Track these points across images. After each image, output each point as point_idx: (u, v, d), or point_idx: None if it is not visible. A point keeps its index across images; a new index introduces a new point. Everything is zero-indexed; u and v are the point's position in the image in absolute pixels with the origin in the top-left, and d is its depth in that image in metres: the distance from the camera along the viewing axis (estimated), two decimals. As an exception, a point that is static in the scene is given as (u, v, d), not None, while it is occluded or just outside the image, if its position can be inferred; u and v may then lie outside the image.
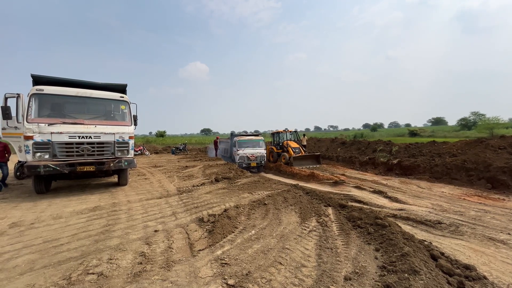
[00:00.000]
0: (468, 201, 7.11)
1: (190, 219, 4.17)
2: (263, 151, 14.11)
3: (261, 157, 13.81)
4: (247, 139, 14.34)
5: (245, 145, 13.84)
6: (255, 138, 14.66)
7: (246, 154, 13.36)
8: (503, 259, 3.28)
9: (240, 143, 13.77)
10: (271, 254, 2.85)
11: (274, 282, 2.32)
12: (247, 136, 14.97)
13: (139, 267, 2.56)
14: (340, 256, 2.80)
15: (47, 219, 4.22)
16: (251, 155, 13.46)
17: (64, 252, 2.97)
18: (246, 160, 13.40)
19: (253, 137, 14.87)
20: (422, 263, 2.45)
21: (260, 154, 13.74)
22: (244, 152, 13.42)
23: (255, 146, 14.15)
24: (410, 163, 11.34)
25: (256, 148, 14.04)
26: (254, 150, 13.81)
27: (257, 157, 13.63)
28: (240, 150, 13.46)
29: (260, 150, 14.04)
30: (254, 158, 13.55)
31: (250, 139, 14.40)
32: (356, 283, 2.28)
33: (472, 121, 46.94)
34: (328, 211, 4.46)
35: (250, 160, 13.47)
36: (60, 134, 5.66)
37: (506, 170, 8.30)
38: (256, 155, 13.61)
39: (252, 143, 14.18)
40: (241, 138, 14.21)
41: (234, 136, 14.90)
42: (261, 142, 14.55)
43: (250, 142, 14.21)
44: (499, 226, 4.86)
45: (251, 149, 13.78)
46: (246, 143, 13.98)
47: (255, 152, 13.71)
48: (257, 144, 14.29)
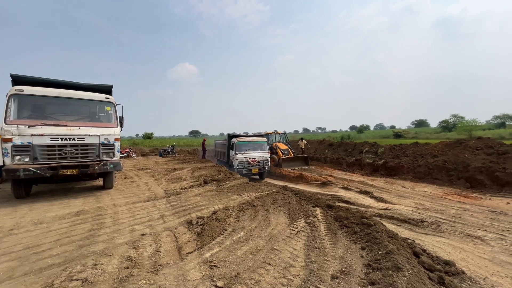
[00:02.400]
0: (448, 200, 7.43)
1: (178, 222, 4.13)
2: (266, 154, 12.23)
3: (264, 161, 11.93)
4: (247, 140, 12.37)
5: (245, 147, 11.90)
6: (257, 140, 12.71)
7: (246, 158, 11.48)
8: (480, 254, 3.45)
9: (239, 146, 11.83)
10: (260, 255, 2.87)
11: (263, 282, 2.34)
12: (248, 137, 12.95)
13: (125, 272, 2.51)
14: (327, 255, 2.86)
15: (27, 224, 4.05)
16: (252, 160, 11.59)
17: (46, 258, 2.87)
18: (246, 166, 11.52)
19: (254, 138, 12.87)
20: (405, 260, 2.55)
21: (263, 158, 11.89)
22: (244, 156, 11.52)
23: (257, 149, 12.24)
24: (394, 164, 11.72)
25: (259, 152, 12.13)
26: (256, 154, 11.92)
27: (260, 162, 11.76)
28: (239, 154, 11.52)
29: (263, 153, 12.15)
30: (256, 163, 11.66)
31: (251, 141, 12.46)
32: (343, 281, 2.34)
33: (452, 123, 48.99)
34: (316, 211, 4.53)
35: (251, 166, 11.58)
36: (41, 136, 5.45)
37: (483, 170, 8.73)
38: (259, 159, 11.73)
39: (253, 145, 12.26)
40: (240, 140, 12.18)
41: (232, 137, 12.82)
42: (264, 144, 12.67)
43: (251, 144, 12.27)
44: (477, 223, 5.11)
45: (252, 153, 11.86)
46: (246, 145, 12.06)
47: (257, 156, 11.81)
48: (259, 147, 12.38)
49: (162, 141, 41.08)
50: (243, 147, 11.89)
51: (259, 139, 12.83)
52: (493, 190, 8.08)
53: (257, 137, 13.03)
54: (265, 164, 11.95)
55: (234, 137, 12.72)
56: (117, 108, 6.71)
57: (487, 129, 44.61)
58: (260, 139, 12.87)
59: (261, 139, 12.85)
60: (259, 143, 12.51)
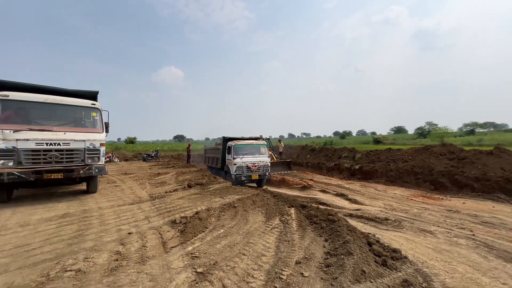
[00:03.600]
0: (414, 201, 8.16)
1: (162, 222, 4.43)
2: (267, 159, 11.40)
3: (265, 167, 11.12)
4: (246, 143, 11.44)
5: (244, 151, 10.99)
6: (256, 143, 11.79)
7: (245, 163, 10.59)
8: (426, 245, 4.03)
9: (237, 149, 10.89)
10: (237, 248, 3.27)
11: (237, 268, 2.74)
12: (246, 140, 11.91)
13: (115, 263, 2.82)
14: (295, 246, 3.31)
15: (14, 226, 4.19)
16: (252, 165, 10.70)
17: (38, 255, 3.10)
18: (245, 171, 10.58)
19: (253, 141, 11.92)
20: (358, 247, 3.04)
21: (263, 163, 11.07)
22: (243, 160, 10.62)
23: (257, 153, 11.37)
24: (369, 168, 12.52)
25: (258, 156, 11.26)
26: (256, 158, 11.03)
27: (260, 167, 10.94)
28: (237, 159, 10.58)
29: (263, 158, 11.30)
30: (256, 168, 10.80)
31: (250, 144, 11.54)
32: (304, 265, 2.78)
33: (427, 130, 51.93)
34: (290, 211, 4.99)
35: (251, 172, 10.67)
36: (26, 141, 5.57)
37: (445, 174, 9.63)
38: (259, 164, 10.89)
39: (252, 149, 11.38)
40: (238, 143, 11.21)
41: (228, 140, 11.86)
42: (264, 148, 11.81)
43: (250, 147, 11.36)
44: (432, 220, 5.77)
45: (252, 157, 10.99)
46: (245, 149, 11.12)
47: (257, 161, 10.94)
48: (259, 150, 11.53)
49: (146, 146, 40.43)
50: (242, 150, 10.97)
51: (259, 142, 11.97)
52: (453, 191, 8.94)
53: (256, 140, 12.09)
54: (266, 169, 11.16)
55: (230, 140, 11.71)
56: (103, 114, 6.90)
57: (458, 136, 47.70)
58: (260, 142, 12.03)
59: (261, 142, 12.03)
60: (259, 147, 11.64)
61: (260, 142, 12.03)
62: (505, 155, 9.52)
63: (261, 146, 11.77)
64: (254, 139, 12.19)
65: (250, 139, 12.07)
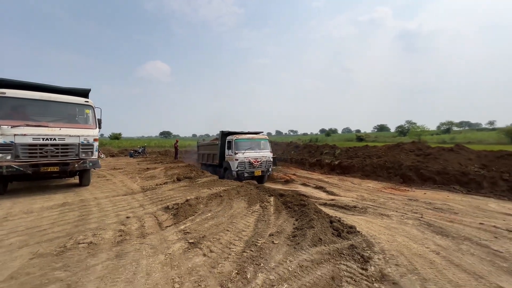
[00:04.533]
0: (383, 192, 9.11)
1: (156, 208, 5.01)
2: (269, 154, 11.07)
3: (267, 162, 10.82)
4: (248, 138, 10.92)
5: (245, 146, 10.50)
6: (257, 137, 11.34)
7: (248, 158, 10.20)
8: (380, 224, 4.85)
9: (238, 144, 10.37)
10: (222, 226, 3.93)
11: (222, 239, 3.40)
12: (248, 134, 11.33)
13: (120, 238, 3.40)
14: (270, 224, 4.00)
15: (19, 213, 4.63)
16: (254, 160, 10.32)
17: (50, 234, 3.62)
18: (247, 167, 10.20)
19: (255, 135, 11.43)
20: (320, 224, 3.78)
21: (266, 158, 10.76)
22: (245, 156, 10.20)
23: (259, 148, 10.99)
24: (347, 164, 13.50)
25: (261, 151, 10.90)
26: (258, 153, 10.67)
27: (262, 162, 10.61)
28: (239, 154, 10.11)
29: (265, 153, 10.95)
30: (259, 164, 10.45)
31: (252, 138, 11.06)
32: (276, 236, 3.49)
33: (407, 129, 54.55)
34: (270, 199, 5.69)
35: (253, 167, 10.31)
36: (23, 136, 5.92)
37: (412, 168, 10.69)
38: (261, 160, 10.56)
39: (254, 144, 10.96)
40: (240, 137, 10.67)
41: (227, 135, 11.25)
42: (266, 143, 11.40)
43: (252, 142, 10.92)
44: (393, 207, 6.66)
45: (254, 152, 10.58)
46: (247, 143, 10.65)
47: (260, 156, 10.58)
48: (261, 145, 11.15)
49: (132, 142, 40.01)
50: (243, 145, 10.47)
51: (260, 136, 11.55)
52: (418, 184, 9.99)
53: (257, 135, 11.66)
54: (268, 165, 10.87)
55: (229, 134, 11.21)
56: (95, 111, 7.29)
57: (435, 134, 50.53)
58: (261, 136, 11.61)
59: (263, 137, 11.60)
60: (261, 141, 11.26)
61: (262, 137, 11.56)
62: (463, 151, 10.71)
63: (264, 140, 11.37)
64: (255, 134, 11.68)
65: (251, 133, 11.53)
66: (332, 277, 2.47)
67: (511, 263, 3.04)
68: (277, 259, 2.83)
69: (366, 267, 2.79)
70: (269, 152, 11.16)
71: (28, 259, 2.79)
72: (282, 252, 3.00)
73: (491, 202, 7.15)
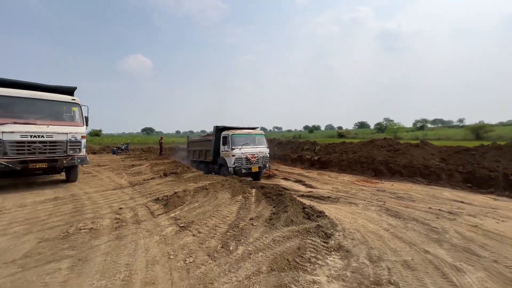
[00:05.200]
0: (356, 184, 9.98)
1: (146, 200, 5.43)
2: (266, 149, 11.04)
3: (264, 158, 10.78)
4: (244, 133, 10.78)
5: (242, 141, 10.32)
6: (254, 132, 11.20)
7: (245, 154, 10.09)
8: (347, 211, 5.58)
9: (235, 140, 10.17)
10: (208, 213, 4.45)
11: (208, 224, 3.93)
12: (244, 129, 11.17)
13: (117, 224, 3.84)
14: (251, 211, 4.58)
15: (13, 207, 4.88)
16: (251, 156, 10.21)
17: (50, 223, 3.97)
18: (244, 163, 10.07)
19: (251, 130, 11.28)
20: (293, 209, 4.41)
21: (262, 154, 10.72)
22: (242, 151, 10.07)
23: (255, 143, 10.87)
24: (326, 159, 14.39)
25: (257, 146, 10.80)
26: (255, 149, 10.58)
27: (259, 158, 10.54)
28: (236, 149, 9.95)
29: (262, 148, 10.91)
30: (256, 160, 10.37)
31: (249, 133, 10.92)
32: (255, 220, 4.07)
33: (385, 126, 57.30)
34: (252, 191, 6.26)
35: (250, 163, 10.21)
36: (11, 133, 6.07)
37: (383, 162, 11.70)
38: (258, 155, 10.49)
39: (251, 139, 10.81)
40: (236, 132, 10.49)
41: (222, 130, 11.02)
42: (263, 138, 11.35)
43: (249, 137, 10.76)
44: (362, 197, 7.46)
45: (251, 148, 10.48)
46: (243, 138, 10.47)
47: (257, 152, 10.51)
48: (257, 141, 11.02)
49: (114, 139, 39.07)
50: (240, 141, 10.29)
51: (257, 131, 11.43)
52: (388, 176, 10.98)
53: (254, 130, 11.54)
54: (265, 161, 10.84)
55: (224, 129, 10.99)
56: (82, 109, 7.48)
57: (410, 131, 53.51)
58: (258, 132, 11.49)
59: (259, 132, 11.47)
60: (257, 137, 11.14)
61: (258, 132, 11.44)
62: (427, 147, 11.86)
63: (260, 136, 11.25)
64: (251, 129, 11.54)
65: (246, 128, 11.38)
66: (298, 248, 3.09)
67: (440, 235, 3.83)
68: (255, 236, 3.41)
69: (328, 241, 3.44)
70: (266, 147, 11.13)
71: (37, 243, 3.17)
72: (259, 231, 3.58)
73: (446, 191, 8.18)
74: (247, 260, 2.76)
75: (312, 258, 2.89)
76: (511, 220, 4.73)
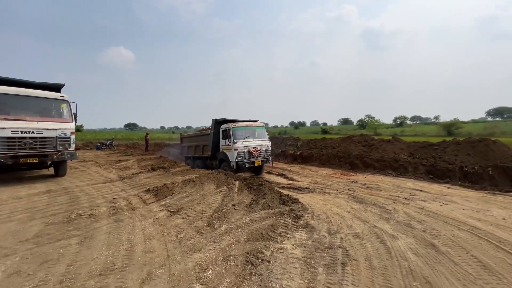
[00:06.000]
0: (333, 177, 10.81)
1: (137, 192, 5.89)
2: (267, 142, 10.79)
3: (266, 151, 10.56)
4: (246, 125, 10.49)
5: (244, 134, 10.00)
6: (255, 125, 10.89)
7: (247, 147, 9.76)
8: (320, 198, 6.31)
9: (236, 133, 9.81)
10: (195, 201, 5.01)
11: (196, 209, 4.50)
12: (245, 122, 10.86)
13: (114, 211, 4.31)
14: (234, 199, 5.19)
15: (9, 199, 5.18)
16: (254, 149, 9.93)
17: (50, 211, 4.37)
18: (247, 157, 9.75)
19: (253, 123, 10.97)
20: (270, 196, 5.05)
21: (265, 147, 10.48)
22: (245, 145, 9.75)
23: (257, 136, 10.58)
24: (307, 154, 15.22)
25: (259, 139, 10.53)
26: (257, 142, 10.30)
27: (261, 152, 10.31)
28: (238, 143, 9.60)
29: (264, 141, 10.66)
30: (258, 153, 10.12)
31: (250, 126, 10.62)
32: (237, 206, 4.68)
33: (366, 122, 59.60)
34: (235, 182, 6.85)
35: (253, 157, 9.92)
36: (2, 129, 6.27)
37: (358, 157, 12.65)
38: (260, 149, 10.24)
39: (253, 132, 10.52)
40: (237, 125, 10.13)
41: (221, 123, 10.63)
42: (264, 131, 11.12)
43: (250, 130, 10.47)
44: (336, 188, 8.26)
45: (253, 141, 10.19)
46: (245, 131, 10.16)
47: (259, 145, 10.23)
48: (258, 134, 10.74)
49: (96, 135, 38.21)
50: (242, 134, 9.96)
51: (258, 124, 11.12)
52: (362, 169, 11.93)
53: (254, 122, 11.25)
54: (267, 154, 10.63)
55: (224, 122, 10.62)
56: (71, 105, 7.72)
57: (390, 127, 56.06)
58: (259, 124, 11.17)
59: (260, 124, 11.17)
60: (259, 129, 10.85)
61: (259, 124, 11.13)
62: (398, 142, 12.94)
63: (261, 128, 11.01)
64: (252, 121, 11.27)
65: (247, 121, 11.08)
66: (272, 225, 3.73)
67: (390, 215, 4.62)
68: (236, 217, 4.03)
69: (297, 221, 4.12)
70: (267, 140, 10.91)
71: (44, 226, 3.61)
72: (240, 214, 4.20)
73: (410, 182, 9.17)
74: (229, 234, 3.37)
75: (282, 233, 3.55)
76: (452, 203, 5.64)
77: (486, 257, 2.92)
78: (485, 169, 8.91)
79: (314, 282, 2.36)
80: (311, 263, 2.70)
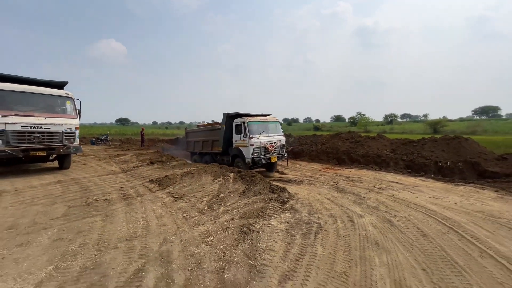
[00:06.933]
0: (321, 171, 11.62)
1: (142, 182, 6.52)
2: (283, 138, 10.61)
3: (281, 147, 10.39)
4: (262, 119, 10.16)
5: (259, 129, 9.68)
6: (270, 119, 10.57)
7: (263, 143, 9.51)
8: (305, 189, 7.08)
9: (252, 127, 9.46)
10: (195, 190, 5.69)
11: (196, 196, 5.18)
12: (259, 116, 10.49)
13: (124, 197, 4.95)
14: (229, 188, 5.89)
15: (25, 188, 5.74)
16: (269, 145, 9.70)
17: (67, 197, 4.97)
18: (263, 154, 9.52)
19: (267, 118, 10.62)
20: (261, 185, 5.77)
21: (280, 142, 10.30)
22: (260, 140, 9.47)
23: (272, 132, 10.29)
24: (298, 150, 16.02)
25: (274, 135, 10.26)
26: (273, 138, 10.06)
27: (277, 147, 10.13)
28: (254, 138, 9.27)
29: (279, 136, 10.44)
30: (274, 149, 9.91)
31: (265, 120, 10.30)
32: (232, 193, 5.38)
33: (357, 119, 61.06)
34: (230, 174, 7.54)
35: (269, 153, 9.70)
36: (13, 124, 6.77)
37: (345, 152, 13.52)
38: (276, 144, 10.04)
39: (267, 127, 10.21)
40: (253, 119, 9.74)
41: (234, 117, 10.32)
42: (278, 126, 10.82)
43: (265, 124, 10.16)
44: (322, 180, 9.04)
45: (268, 136, 9.90)
46: (260, 126, 9.86)
47: (274, 140, 10.00)
48: (273, 129, 10.44)
49: (89, 129, 38.14)
50: (257, 128, 9.63)
51: (272, 118, 10.80)
52: (348, 164, 12.79)
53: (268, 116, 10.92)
54: (283, 150, 10.48)
55: (237, 117, 10.28)
56: (76, 102, 8.22)
57: (380, 125, 57.59)
58: (273, 118, 10.85)
59: (274, 119, 10.85)
60: (273, 124, 10.55)
61: (273, 119, 10.83)
62: (381, 139, 13.87)
63: (276, 123, 10.72)
64: (266, 115, 10.90)
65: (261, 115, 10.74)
66: (262, 208, 4.45)
67: (363, 201, 5.42)
68: (231, 202, 4.74)
69: (283, 205, 4.85)
70: (282, 135, 10.71)
71: (67, 208, 4.24)
72: (235, 199, 4.91)
73: (389, 175, 10.05)
74: (226, 214, 4.08)
75: (270, 213, 4.28)
76: (419, 192, 6.50)
77: (428, 229, 3.73)
78: (456, 164, 9.88)
79: (292, 244, 3.10)
80: (291, 233, 3.44)
